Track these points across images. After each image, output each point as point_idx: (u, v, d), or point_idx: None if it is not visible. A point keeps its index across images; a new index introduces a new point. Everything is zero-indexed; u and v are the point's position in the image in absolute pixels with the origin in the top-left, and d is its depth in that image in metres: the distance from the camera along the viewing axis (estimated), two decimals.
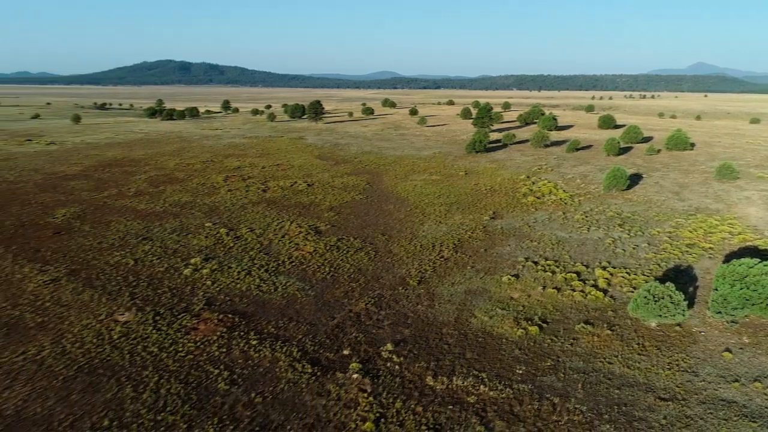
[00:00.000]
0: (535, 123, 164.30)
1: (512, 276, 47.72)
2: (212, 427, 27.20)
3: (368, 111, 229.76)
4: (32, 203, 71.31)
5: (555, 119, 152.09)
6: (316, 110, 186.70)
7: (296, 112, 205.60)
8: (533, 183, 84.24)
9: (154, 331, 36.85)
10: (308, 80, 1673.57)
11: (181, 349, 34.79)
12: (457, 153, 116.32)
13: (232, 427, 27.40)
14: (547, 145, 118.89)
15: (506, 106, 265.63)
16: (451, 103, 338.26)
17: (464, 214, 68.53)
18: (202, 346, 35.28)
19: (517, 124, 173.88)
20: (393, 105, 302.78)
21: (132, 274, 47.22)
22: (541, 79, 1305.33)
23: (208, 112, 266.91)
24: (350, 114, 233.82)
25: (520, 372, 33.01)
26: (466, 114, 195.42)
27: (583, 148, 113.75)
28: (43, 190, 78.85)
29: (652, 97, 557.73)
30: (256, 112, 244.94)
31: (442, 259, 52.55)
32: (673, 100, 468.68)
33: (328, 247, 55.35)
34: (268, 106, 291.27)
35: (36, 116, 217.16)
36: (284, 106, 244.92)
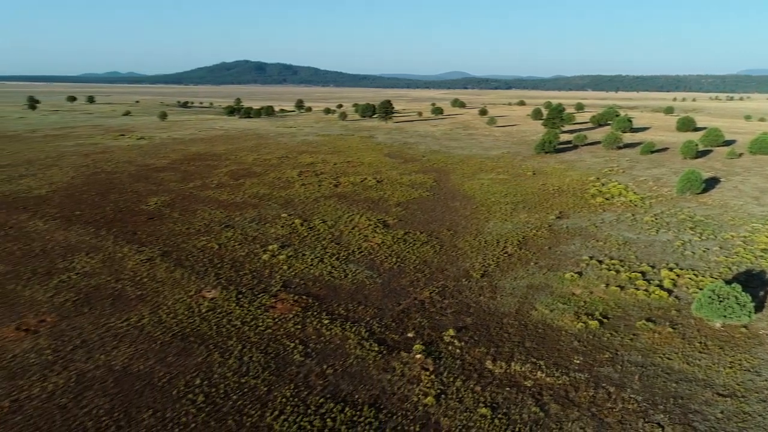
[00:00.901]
0: (608, 124, 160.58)
1: (575, 273, 48.48)
2: (289, 392, 30.29)
3: (437, 111, 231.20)
4: (128, 191, 78.28)
5: (630, 121, 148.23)
6: (386, 110, 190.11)
7: (367, 111, 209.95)
8: (603, 184, 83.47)
9: (237, 307, 40.67)
10: (378, 80, 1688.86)
11: (261, 324, 38.32)
12: (526, 153, 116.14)
13: (306, 392, 30.38)
14: (620, 147, 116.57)
15: (579, 107, 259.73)
16: (522, 103, 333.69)
17: (530, 213, 69.29)
18: (279, 322, 38.67)
19: (590, 125, 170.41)
20: (462, 105, 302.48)
21: (217, 257, 51.68)
22: (619, 79, 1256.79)
23: (282, 110, 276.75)
24: (419, 114, 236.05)
25: (578, 362, 34.22)
26: (536, 115, 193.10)
27: (658, 151, 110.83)
28: (136, 180, 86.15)
29: (741, 99, 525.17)
30: (328, 111, 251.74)
31: (505, 255, 53.93)
32: (764, 102, 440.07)
33: (395, 240, 57.92)
34: (340, 106, 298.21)
35: (127, 113, 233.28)
36: (355, 105, 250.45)
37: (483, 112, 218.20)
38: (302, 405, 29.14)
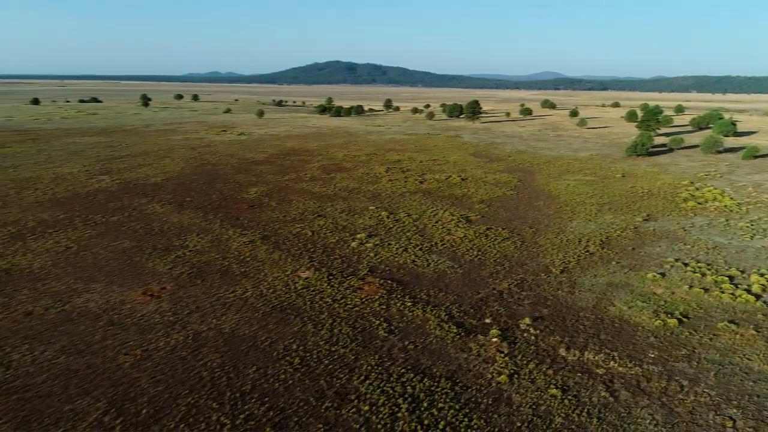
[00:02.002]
0: (709, 128, 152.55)
1: (658, 274, 48.45)
2: (374, 361, 33.54)
3: (526, 112, 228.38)
4: (231, 182, 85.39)
5: (734, 124, 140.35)
6: (473, 110, 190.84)
7: (454, 111, 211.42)
8: (697, 189, 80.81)
9: (328, 287, 44.60)
10: (467, 80, 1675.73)
11: (349, 302, 41.95)
12: (617, 155, 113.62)
13: (389, 363, 33.50)
14: (719, 151, 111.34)
15: (679, 110, 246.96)
16: (616, 105, 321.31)
17: (616, 214, 68.82)
18: (366, 302, 42.13)
19: (689, 128, 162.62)
20: (553, 106, 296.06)
21: (310, 243, 56.18)
22: (728, 80, 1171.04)
23: (371, 110, 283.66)
24: (507, 114, 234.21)
25: (652, 356, 35.02)
26: (631, 117, 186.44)
27: (763, 156, 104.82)
28: (238, 172, 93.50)
29: None
30: (415, 110, 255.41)
31: (587, 253, 54.53)
32: None
33: (477, 235, 59.98)
34: (427, 106, 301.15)
35: (228, 111, 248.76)
36: (442, 105, 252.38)
37: (574, 114, 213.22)
38: (385, 373, 32.28)
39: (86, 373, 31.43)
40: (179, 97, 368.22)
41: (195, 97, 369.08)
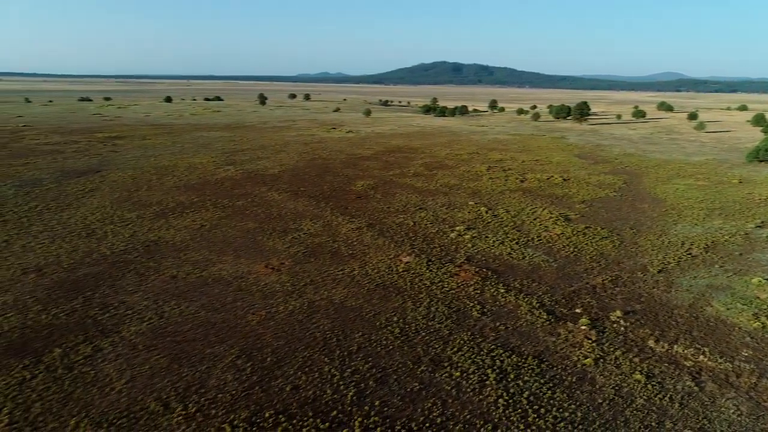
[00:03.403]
0: None
1: (765, 279, 47.29)
2: (466, 336, 36.75)
3: (639, 114, 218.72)
4: (340, 175, 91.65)
5: None
6: (581, 111, 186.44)
7: (561, 112, 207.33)
8: None
9: (427, 271, 48.29)
10: (578, 81, 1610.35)
11: (446, 285, 45.36)
12: (735, 161, 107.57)
13: (480, 339, 36.55)
14: None
15: None
16: (743, 108, 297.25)
17: (726, 219, 66.55)
18: (461, 286, 45.33)
19: None
20: (670, 109, 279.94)
21: (411, 232, 60.17)
22: None
23: (475, 110, 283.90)
24: (618, 116, 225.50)
25: (746, 354, 35.25)
26: (758, 120, 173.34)
27: None
28: (346, 167, 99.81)
29: None
30: (521, 111, 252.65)
31: (689, 256, 53.95)
32: None
33: (575, 233, 60.96)
34: (534, 107, 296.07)
35: (337, 110, 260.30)
36: (549, 106, 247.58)
37: (692, 116, 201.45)
38: (476, 347, 35.38)
39: (221, 326, 37.40)
40: (292, 96, 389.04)
41: (306, 97, 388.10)
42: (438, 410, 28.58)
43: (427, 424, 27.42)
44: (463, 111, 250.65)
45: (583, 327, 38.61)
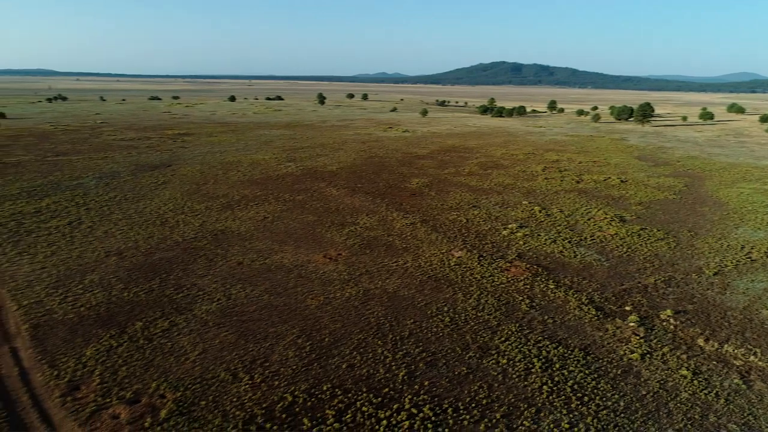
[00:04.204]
0: None
1: None
2: (514, 327, 38.10)
3: (707, 116, 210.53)
4: (395, 173, 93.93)
5: None
6: (644, 113, 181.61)
7: (622, 114, 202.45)
8: None
9: (478, 265, 49.76)
10: (643, 82, 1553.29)
11: (496, 279, 46.72)
12: None
13: (528, 331, 37.82)
14: None
15: None
16: None
17: None
18: (511, 281, 46.57)
19: None
20: (741, 111, 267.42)
21: (464, 228, 61.65)
22: None
23: (534, 111, 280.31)
24: (684, 118, 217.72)
25: None
26: None
27: None
28: (402, 165, 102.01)
29: None
30: (581, 112, 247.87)
31: (748, 260, 53.01)
32: None
33: (629, 233, 60.77)
34: (595, 108, 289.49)
35: (394, 110, 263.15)
36: (611, 107, 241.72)
37: (765, 119, 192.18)
38: (523, 338, 36.71)
39: (283, 309, 40.26)
40: (350, 96, 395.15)
41: (364, 97, 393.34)
42: (484, 393, 30.21)
43: (473, 405, 29.10)
44: (521, 112, 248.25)
45: (632, 324, 39.17)
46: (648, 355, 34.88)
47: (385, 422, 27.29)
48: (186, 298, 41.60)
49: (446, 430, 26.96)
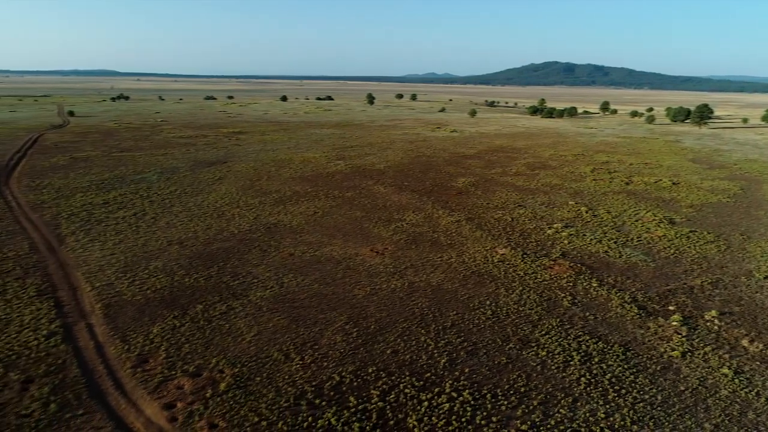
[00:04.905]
0: None
1: None
2: (555, 322, 39.01)
3: None
4: (442, 172, 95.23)
5: None
6: (701, 114, 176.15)
7: (679, 115, 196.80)
8: None
9: (521, 263, 50.67)
10: (704, 83, 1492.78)
11: (539, 276, 47.56)
12: None
13: (568, 326, 38.64)
14: None
15: None
16: None
17: None
18: (554, 278, 47.30)
19: None
20: None
21: (509, 227, 62.49)
22: None
23: (585, 112, 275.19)
24: (744, 120, 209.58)
25: None
26: None
27: None
28: (448, 164, 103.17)
29: None
30: (635, 114, 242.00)
31: None
32: None
33: (678, 235, 60.20)
34: (650, 109, 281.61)
35: (442, 110, 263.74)
36: (667, 109, 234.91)
37: None
38: (563, 332, 37.60)
39: (332, 297, 42.44)
40: (399, 96, 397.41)
41: (413, 97, 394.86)
42: (522, 381, 31.43)
43: (511, 392, 30.37)
44: (571, 112, 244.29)
45: (675, 323, 39.39)
46: (689, 354, 35.19)
47: (426, 404, 28.93)
48: (242, 285, 44.37)
49: (484, 413, 28.37)
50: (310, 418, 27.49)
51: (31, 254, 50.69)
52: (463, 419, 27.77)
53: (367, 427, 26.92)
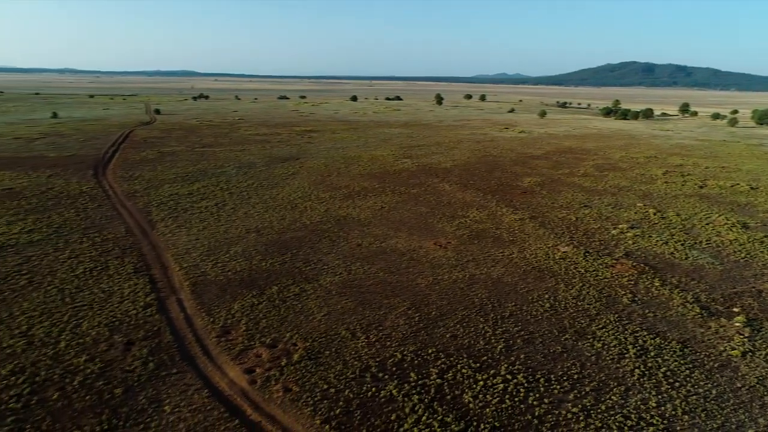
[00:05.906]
0: None
1: None
2: (613, 318, 39.85)
3: None
4: (508, 172, 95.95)
5: None
6: None
7: (765, 117, 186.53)
8: None
9: (583, 261, 51.40)
10: None
11: (600, 274, 48.22)
12: None
13: (626, 321, 39.39)
14: None
15: None
16: None
17: None
18: (615, 277, 47.83)
19: None
20: None
21: (572, 226, 62.98)
22: None
23: (663, 114, 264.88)
24: None
25: None
26: None
27: None
28: (515, 164, 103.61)
29: None
30: (716, 116, 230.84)
31: None
32: None
33: (751, 240, 58.72)
34: (735, 111, 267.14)
35: (511, 110, 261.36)
36: (753, 111, 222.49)
37: None
38: (621, 327, 38.44)
39: (396, 285, 45.06)
40: (468, 96, 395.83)
41: (482, 97, 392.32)
42: (576, 369, 32.80)
43: (565, 378, 31.84)
44: (647, 114, 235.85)
45: (737, 324, 39.31)
46: (750, 353, 35.27)
47: (481, 383, 30.95)
48: (313, 271, 47.80)
49: (537, 395, 30.07)
50: (373, 389, 30.17)
51: (127, 237, 56.39)
52: (516, 399, 29.60)
53: (426, 399, 29.30)
